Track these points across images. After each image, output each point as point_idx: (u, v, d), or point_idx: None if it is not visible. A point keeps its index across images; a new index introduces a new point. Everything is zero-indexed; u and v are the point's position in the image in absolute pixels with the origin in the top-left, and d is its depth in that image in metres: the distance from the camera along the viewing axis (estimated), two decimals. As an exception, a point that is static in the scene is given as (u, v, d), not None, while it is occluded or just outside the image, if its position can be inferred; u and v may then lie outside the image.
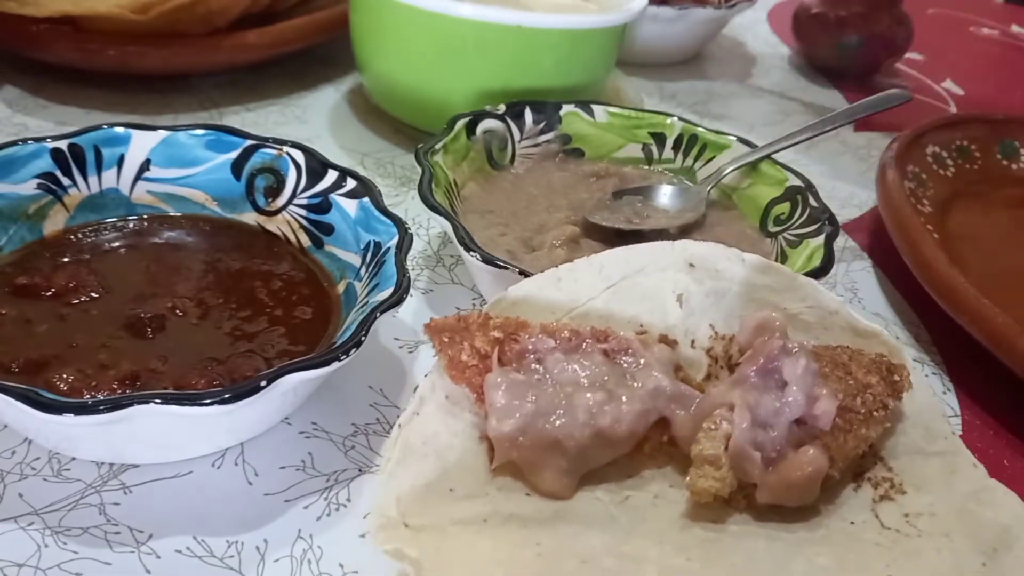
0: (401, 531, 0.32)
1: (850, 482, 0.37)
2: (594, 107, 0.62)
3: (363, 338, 0.38)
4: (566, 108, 0.62)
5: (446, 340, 0.37)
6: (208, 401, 0.34)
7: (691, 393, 0.38)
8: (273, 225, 0.50)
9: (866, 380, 0.37)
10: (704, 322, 0.41)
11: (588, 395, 0.36)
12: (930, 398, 0.40)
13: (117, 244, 0.48)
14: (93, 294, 0.44)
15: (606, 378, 0.37)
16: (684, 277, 0.41)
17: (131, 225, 0.50)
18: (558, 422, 0.35)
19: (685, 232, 0.55)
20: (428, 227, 0.60)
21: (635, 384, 0.37)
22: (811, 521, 0.36)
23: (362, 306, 0.42)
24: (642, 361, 0.38)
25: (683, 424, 0.37)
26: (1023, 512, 0.35)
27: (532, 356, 0.37)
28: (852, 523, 0.36)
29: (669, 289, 0.41)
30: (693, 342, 0.41)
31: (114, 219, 0.50)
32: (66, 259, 0.46)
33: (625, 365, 0.37)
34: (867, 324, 0.41)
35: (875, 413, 0.37)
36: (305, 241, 0.49)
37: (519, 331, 0.37)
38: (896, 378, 0.38)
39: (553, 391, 0.36)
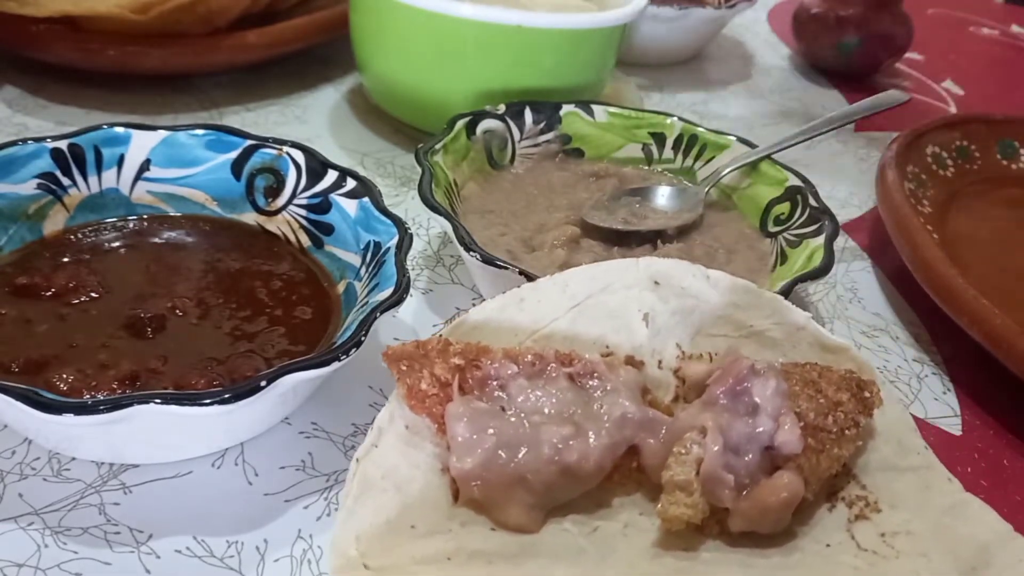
0: (361, 573, 0.31)
1: (824, 502, 0.36)
2: (594, 107, 0.62)
3: (363, 338, 0.38)
4: (566, 108, 0.62)
5: (404, 368, 0.36)
6: (208, 401, 0.34)
7: (660, 418, 0.37)
8: (273, 225, 0.50)
9: (837, 398, 0.36)
10: (671, 341, 0.40)
11: (554, 428, 0.35)
12: (901, 413, 0.39)
13: (117, 244, 0.48)
14: (93, 294, 0.44)
15: (572, 408, 0.35)
16: (649, 295, 0.40)
17: (131, 225, 0.50)
18: (523, 458, 0.34)
19: (683, 233, 0.55)
20: (428, 227, 0.60)
21: (602, 411, 0.36)
22: (785, 546, 0.35)
23: (362, 306, 0.42)
24: (608, 385, 0.36)
25: (653, 453, 0.36)
26: (1000, 527, 0.34)
27: (495, 383, 0.36)
28: (828, 545, 0.35)
29: (635, 308, 0.40)
30: (660, 362, 0.40)
31: (114, 219, 0.50)
32: (66, 259, 0.46)
33: (591, 390, 0.36)
34: (835, 340, 0.40)
35: (847, 431, 0.36)
36: (305, 241, 0.49)
37: (481, 357, 0.36)
38: (866, 394, 0.37)
39: (517, 421, 0.35)
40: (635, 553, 0.34)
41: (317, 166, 0.50)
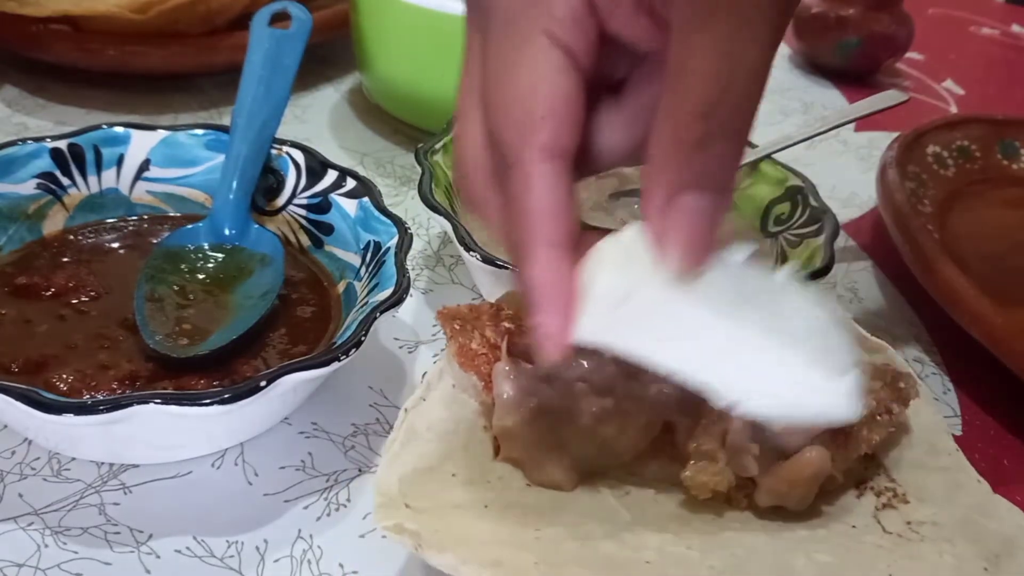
0: (402, 510, 0.32)
1: (852, 490, 0.37)
2: (594, 107, 0.62)
3: (363, 338, 0.38)
4: (566, 108, 0.61)
5: (457, 327, 0.37)
6: (208, 401, 0.34)
7: (694, 397, 0.37)
8: (273, 225, 0.50)
9: (868, 385, 0.37)
10: None
11: (595, 398, 0.36)
12: (934, 415, 0.39)
13: (117, 244, 0.48)
14: (93, 294, 0.44)
15: (614, 381, 0.36)
16: None
17: (131, 225, 0.50)
18: (562, 425, 0.35)
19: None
20: (428, 227, 0.60)
21: (642, 387, 0.36)
22: (812, 523, 0.36)
23: (362, 306, 0.42)
24: None
25: (686, 429, 0.36)
26: None
27: None
28: (854, 527, 0.36)
29: None
30: None
31: (114, 219, 0.50)
32: (66, 259, 0.46)
33: (632, 366, 0.37)
34: (873, 339, 0.41)
35: (879, 417, 0.36)
36: (305, 241, 0.49)
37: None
38: (901, 384, 0.38)
39: (560, 387, 0.36)
40: (665, 517, 0.36)
41: (317, 166, 0.50)
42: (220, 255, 0.47)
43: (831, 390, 0.28)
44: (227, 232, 0.48)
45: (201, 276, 0.46)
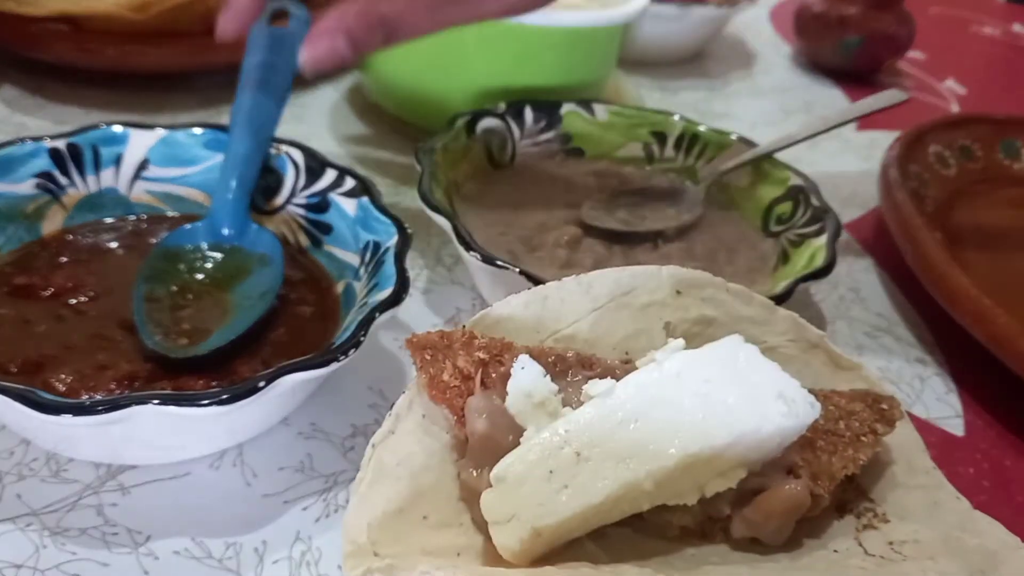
0: (371, 560, 0.31)
1: (832, 515, 0.37)
2: (595, 106, 0.62)
3: (362, 338, 0.38)
4: (567, 107, 0.61)
5: (428, 357, 0.35)
6: (206, 402, 0.34)
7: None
8: (272, 225, 0.50)
9: (850, 407, 0.37)
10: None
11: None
12: (911, 432, 0.39)
13: (115, 244, 0.48)
14: (91, 294, 0.43)
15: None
16: (672, 303, 0.40)
17: (129, 225, 0.49)
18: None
19: (683, 233, 0.55)
20: (428, 227, 0.59)
21: None
22: (793, 552, 0.35)
23: (361, 306, 0.41)
24: None
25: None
26: (1008, 539, 0.35)
27: None
28: (836, 552, 0.35)
29: (656, 315, 0.40)
30: None
31: (112, 219, 0.49)
32: (64, 259, 0.46)
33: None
34: (848, 358, 0.40)
35: (863, 437, 0.36)
36: (304, 241, 0.49)
37: (504, 353, 0.36)
38: (883, 406, 0.37)
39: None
40: (644, 555, 0.34)
41: (316, 165, 0.50)
42: (219, 255, 0.47)
43: (782, 408, 0.33)
44: (226, 232, 0.48)
45: (200, 276, 0.46)
